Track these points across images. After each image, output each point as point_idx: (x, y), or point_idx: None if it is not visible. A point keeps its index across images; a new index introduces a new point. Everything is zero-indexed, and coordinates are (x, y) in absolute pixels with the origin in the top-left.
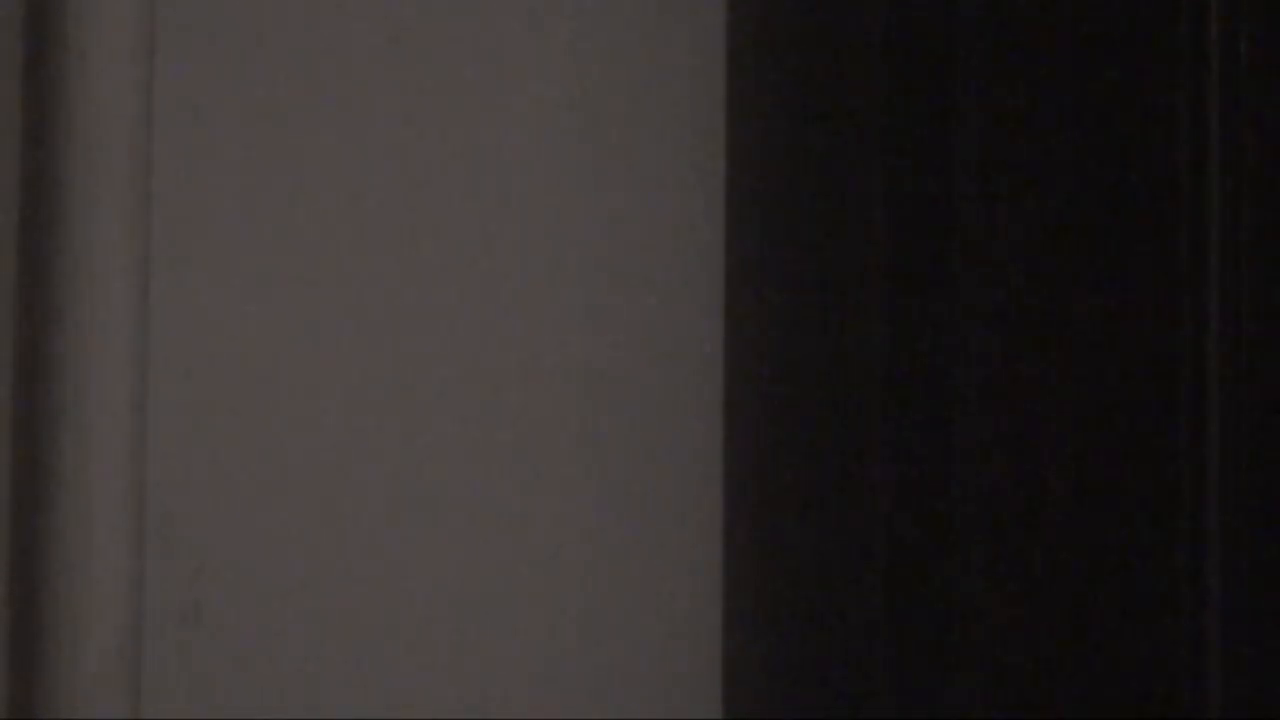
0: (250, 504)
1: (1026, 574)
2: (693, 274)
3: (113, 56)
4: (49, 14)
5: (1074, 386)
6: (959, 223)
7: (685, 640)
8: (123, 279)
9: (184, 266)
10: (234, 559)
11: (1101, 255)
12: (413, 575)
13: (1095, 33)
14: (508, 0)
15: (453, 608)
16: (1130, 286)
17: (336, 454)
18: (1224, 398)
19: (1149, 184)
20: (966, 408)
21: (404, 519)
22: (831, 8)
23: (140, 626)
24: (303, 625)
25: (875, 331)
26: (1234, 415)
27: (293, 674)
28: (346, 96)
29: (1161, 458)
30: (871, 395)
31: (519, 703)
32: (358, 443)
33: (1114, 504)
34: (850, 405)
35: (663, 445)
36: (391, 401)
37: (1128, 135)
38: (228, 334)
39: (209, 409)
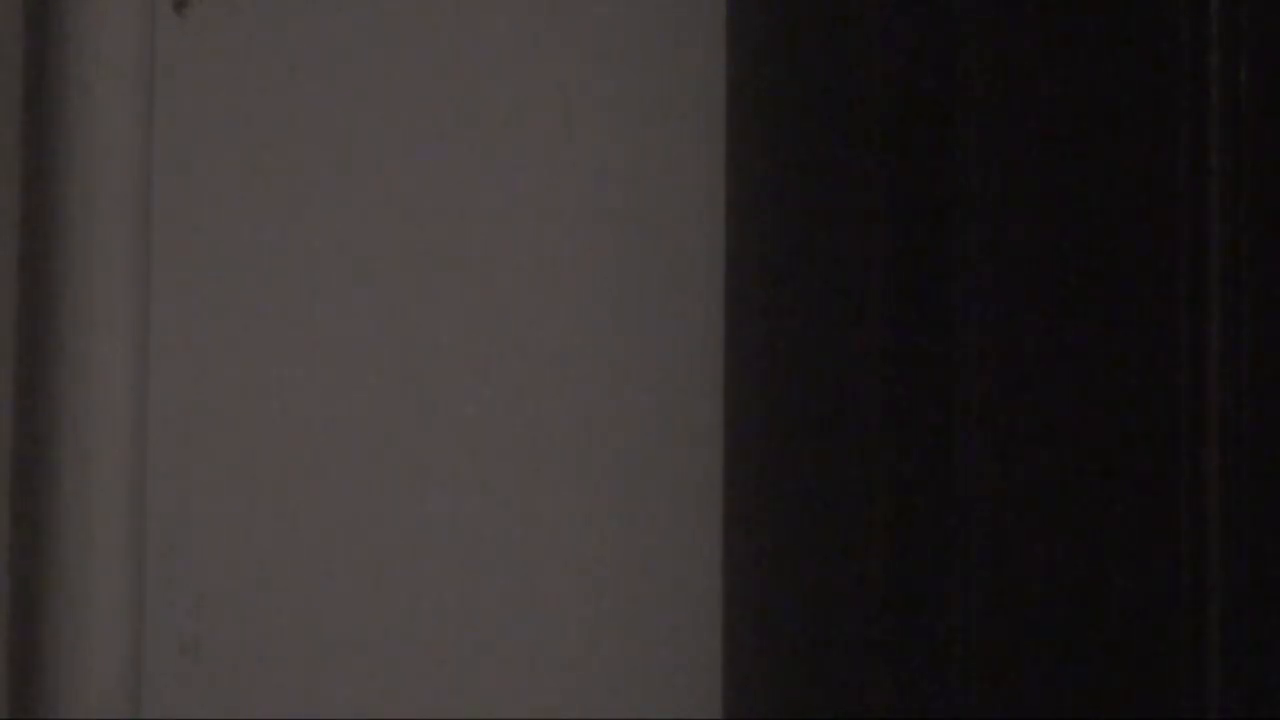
0: (251, 535)
1: (1026, 575)
2: (693, 274)
3: (114, 84)
4: (51, 46)
5: (1074, 391)
6: (960, 226)
7: (685, 640)
8: (123, 308)
9: (185, 295)
10: (234, 591)
11: (1103, 261)
12: (414, 602)
13: (1098, 40)
14: (512, 4)
15: (453, 613)
16: (1131, 289)
17: (338, 485)
18: (1224, 403)
19: (1150, 191)
20: (967, 407)
21: (405, 543)
22: (833, 8)
23: (141, 658)
24: (303, 656)
25: (876, 332)
26: (1234, 421)
27: (293, 704)
28: (346, 111)
29: (1162, 463)
30: (872, 395)
31: (520, 703)
32: (359, 474)
33: (1114, 508)
34: (850, 406)
35: (663, 446)
36: (392, 431)
37: (1130, 143)
38: (228, 364)
39: (209, 440)
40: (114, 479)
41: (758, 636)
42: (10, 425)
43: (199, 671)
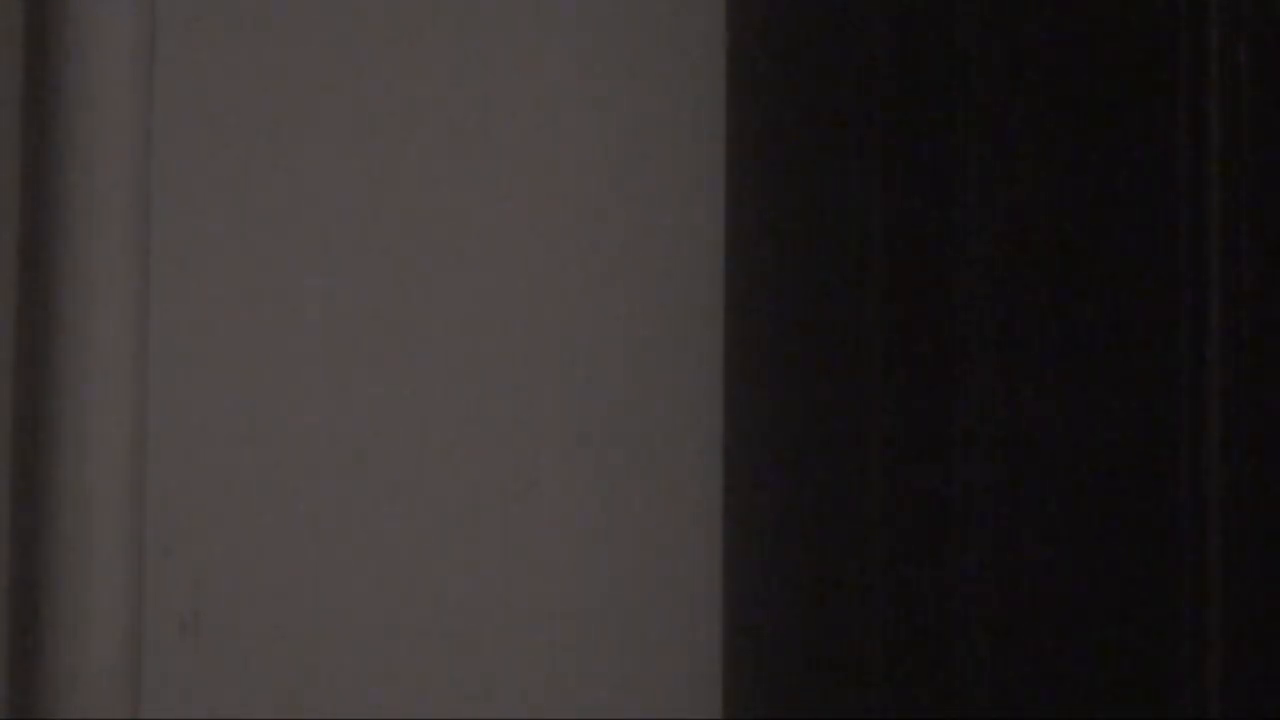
0: (249, 514)
1: (1026, 575)
2: (693, 276)
3: (112, 63)
4: (50, 24)
5: (1073, 392)
6: (958, 228)
7: (685, 640)
8: (123, 290)
9: (184, 277)
10: (233, 568)
11: (1101, 263)
12: (412, 581)
13: (1097, 37)
14: (509, 2)
15: (452, 610)
16: (1130, 290)
17: (336, 464)
18: (1224, 403)
19: (1150, 190)
20: (966, 409)
21: (403, 527)
22: (833, 12)
23: (140, 635)
24: (301, 633)
25: (875, 333)
26: (1234, 421)
27: (291, 681)
28: (346, 100)
29: (1161, 464)
30: (871, 396)
31: (519, 703)
32: (357, 452)
33: (1113, 509)
34: (850, 407)
35: (663, 446)
36: (390, 410)
37: (1129, 143)
38: (228, 344)
39: (208, 419)
40: (114, 458)
41: (758, 636)
42: (11, 404)
43: (199, 649)
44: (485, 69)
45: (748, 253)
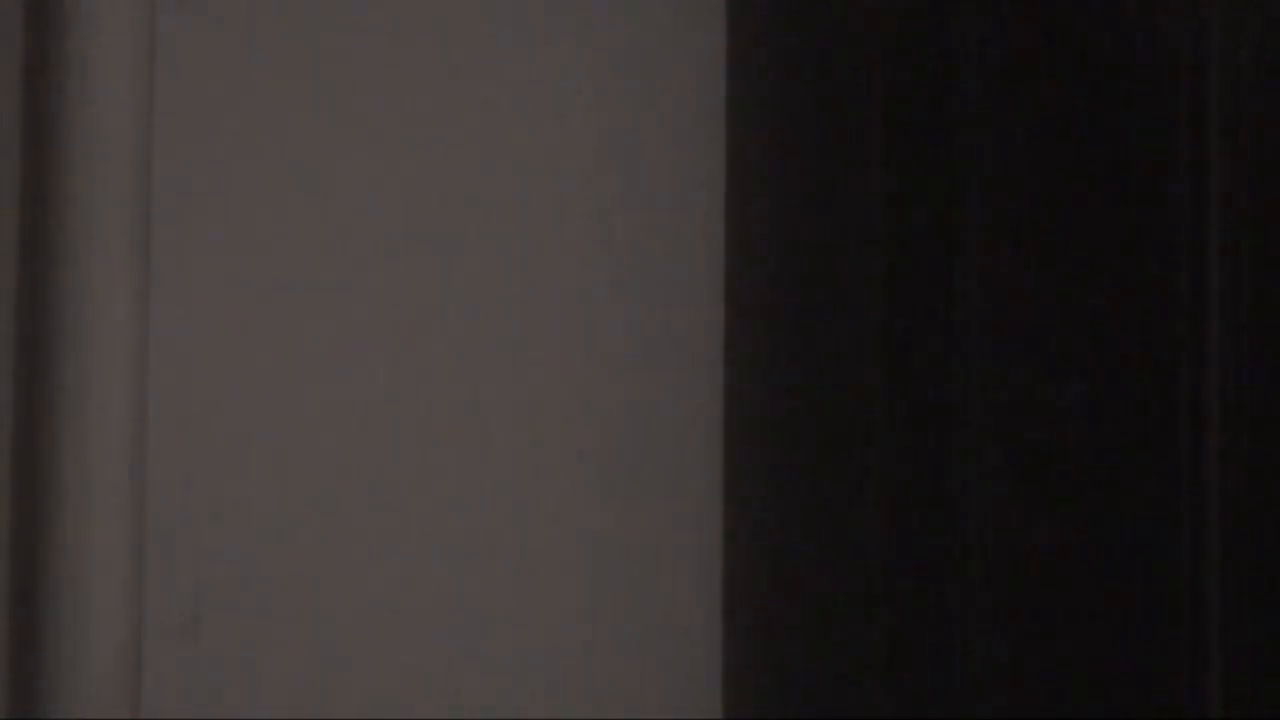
0: (249, 517)
1: (1025, 574)
2: (693, 275)
3: (114, 66)
4: (50, 29)
5: (1073, 393)
6: (959, 227)
7: (685, 640)
8: (124, 292)
9: (184, 279)
10: (233, 571)
11: (1101, 262)
12: (412, 583)
13: (1096, 37)
14: (511, 2)
15: (452, 611)
16: (1130, 293)
17: (336, 466)
18: (1223, 407)
19: (1150, 192)
20: (966, 409)
21: (403, 529)
22: (832, 10)
23: (140, 638)
24: (301, 635)
25: (876, 332)
26: (1233, 425)
27: (291, 683)
28: (347, 101)
29: (1161, 465)
30: (872, 396)
31: (520, 703)
32: (357, 455)
33: (1113, 510)
34: (850, 406)
35: (663, 446)
36: (390, 413)
37: (1129, 143)
38: (228, 348)
39: (209, 422)
40: (114, 460)
41: (758, 636)
42: (10, 405)
43: (199, 651)
44: (484, 69)
45: (748, 252)
